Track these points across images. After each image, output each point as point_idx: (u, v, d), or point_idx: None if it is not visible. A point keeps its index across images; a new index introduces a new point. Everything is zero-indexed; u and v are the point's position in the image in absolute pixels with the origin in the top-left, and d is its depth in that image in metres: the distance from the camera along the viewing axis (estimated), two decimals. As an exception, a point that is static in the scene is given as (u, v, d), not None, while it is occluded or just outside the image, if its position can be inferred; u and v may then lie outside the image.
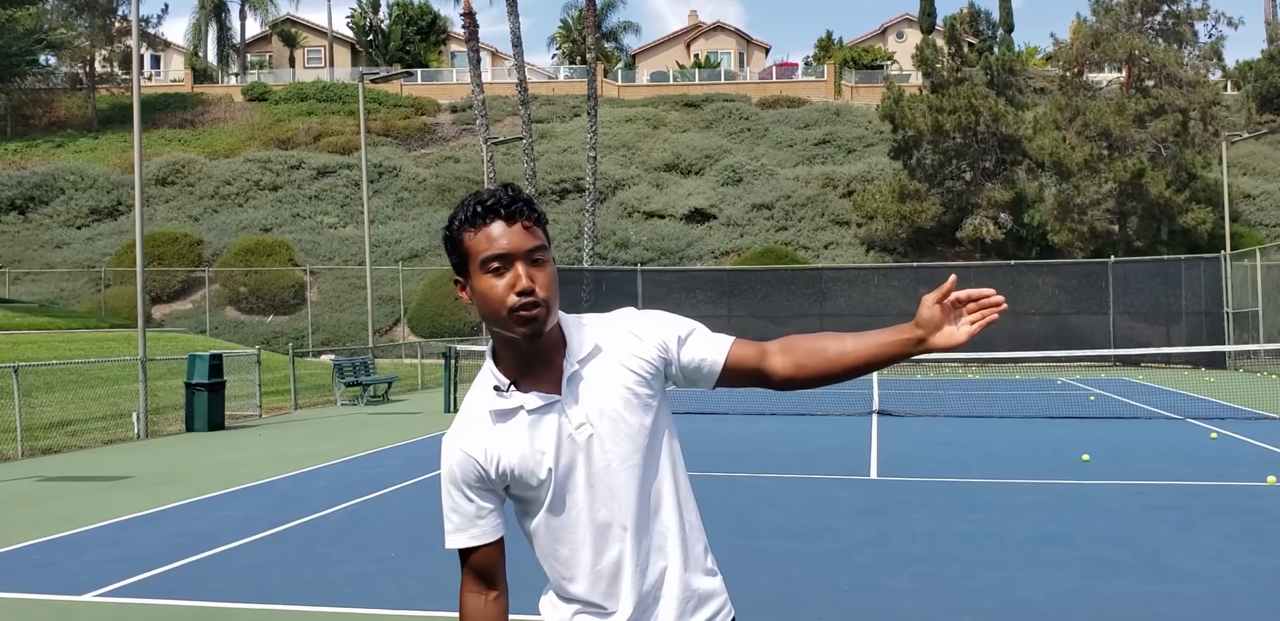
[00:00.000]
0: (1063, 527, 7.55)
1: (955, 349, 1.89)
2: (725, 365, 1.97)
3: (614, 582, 1.91)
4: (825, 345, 1.97)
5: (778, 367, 1.98)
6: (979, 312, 1.89)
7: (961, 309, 1.90)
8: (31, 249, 40.21)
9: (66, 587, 6.15)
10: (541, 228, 1.88)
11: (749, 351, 1.99)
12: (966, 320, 1.90)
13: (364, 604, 5.72)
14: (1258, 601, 5.61)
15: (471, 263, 1.84)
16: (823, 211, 40.58)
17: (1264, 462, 10.57)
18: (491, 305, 1.83)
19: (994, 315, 1.87)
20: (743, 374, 1.99)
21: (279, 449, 12.79)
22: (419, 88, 55.03)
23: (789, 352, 1.99)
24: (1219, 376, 24.25)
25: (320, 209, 42.39)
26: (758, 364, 1.98)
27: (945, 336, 1.89)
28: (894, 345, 1.93)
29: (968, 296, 1.89)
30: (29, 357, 17.30)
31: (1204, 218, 33.88)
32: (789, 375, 1.98)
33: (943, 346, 1.89)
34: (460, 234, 1.85)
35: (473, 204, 1.85)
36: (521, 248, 1.82)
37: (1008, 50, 40.10)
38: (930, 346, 1.90)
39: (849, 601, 5.73)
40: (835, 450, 11.99)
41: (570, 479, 1.89)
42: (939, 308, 1.89)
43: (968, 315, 1.90)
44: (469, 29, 36.07)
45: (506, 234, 1.82)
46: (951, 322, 1.90)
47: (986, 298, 1.88)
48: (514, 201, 1.84)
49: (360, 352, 24.82)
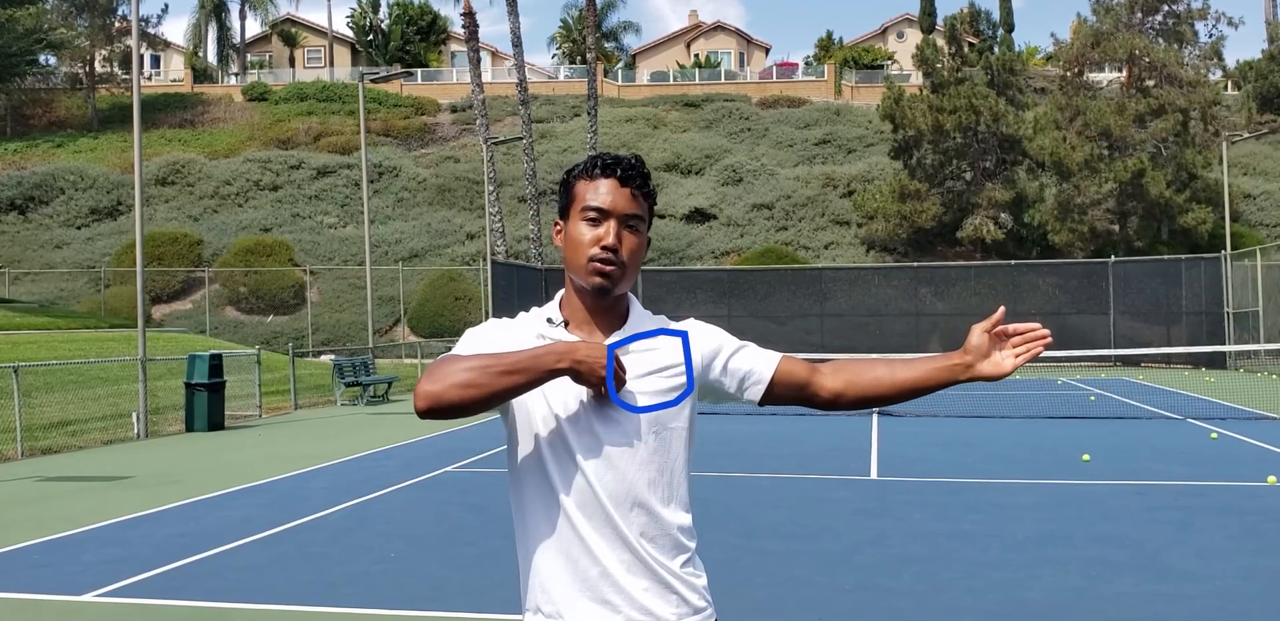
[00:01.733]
0: (1063, 528, 7.55)
1: (1001, 378, 1.96)
2: (774, 377, 2.05)
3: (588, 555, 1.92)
4: (875, 366, 2.06)
5: (827, 384, 2.06)
6: (1024, 345, 1.96)
7: (1007, 341, 1.97)
8: (31, 249, 40.21)
9: (66, 587, 6.15)
10: (648, 203, 2.01)
11: (798, 367, 2.07)
12: (1011, 353, 1.96)
13: (364, 604, 5.71)
14: (1258, 601, 5.61)
15: (574, 207, 1.99)
16: (823, 211, 40.58)
17: (1264, 462, 10.56)
18: (576, 250, 1.96)
19: (1039, 348, 1.95)
20: (791, 388, 2.06)
21: (279, 449, 12.79)
22: (419, 88, 55.04)
23: (839, 371, 2.06)
24: (1219, 376, 24.24)
25: (320, 209, 42.39)
26: (807, 379, 2.06)
27: (992, 365, 1.96)
28: (943, 370, 1.99)
29: (1014, 330, 1.96)
30: (29, 357, 17.30)
31: (1204, 218, 33.88)
32: (838, 391, 2.05)
33: (989, 375, 1.95)
34: (575, 180, 2.01)
35: (597, 159, 2.00)
36: (622, 209, 1.96)
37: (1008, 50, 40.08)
38: (977, 374, 1.96)
39: (849, 601, 5.73)
40: (835, 450, 11.99)
41: (575, 426, 1.93)
42: (987, 336, 1.96)
43: (1012, 348, 1.97)
44: (469, 29, 36.08)
45: (614, 192, 1.97)
46: (998, 352, 1.98)
47: (1032, 332, 1.95)
48: (632, 168, 1.98)
49: (360, 352, 24.81)
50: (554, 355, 1.82)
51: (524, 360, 1.81)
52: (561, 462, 1.93)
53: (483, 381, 1.80)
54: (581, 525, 1.92)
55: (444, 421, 1.99)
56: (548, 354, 1.82)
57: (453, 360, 1.87)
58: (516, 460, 1.99)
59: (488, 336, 2.01)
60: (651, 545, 1.93)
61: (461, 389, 1.80)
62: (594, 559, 1.92)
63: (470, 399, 1.80)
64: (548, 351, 1.83)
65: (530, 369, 1.81)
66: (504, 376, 1.80)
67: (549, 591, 1.95)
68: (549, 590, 1.95)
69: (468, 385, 1.80)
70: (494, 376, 1.80)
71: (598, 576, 1.92)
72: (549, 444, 1.94)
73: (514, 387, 1.82)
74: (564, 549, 1.93)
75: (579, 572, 1.92)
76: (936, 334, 30.29)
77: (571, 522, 1.92)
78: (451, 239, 39.94)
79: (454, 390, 1.80)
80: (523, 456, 1.98)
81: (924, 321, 30.48)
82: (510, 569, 6.32)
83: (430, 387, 1.82)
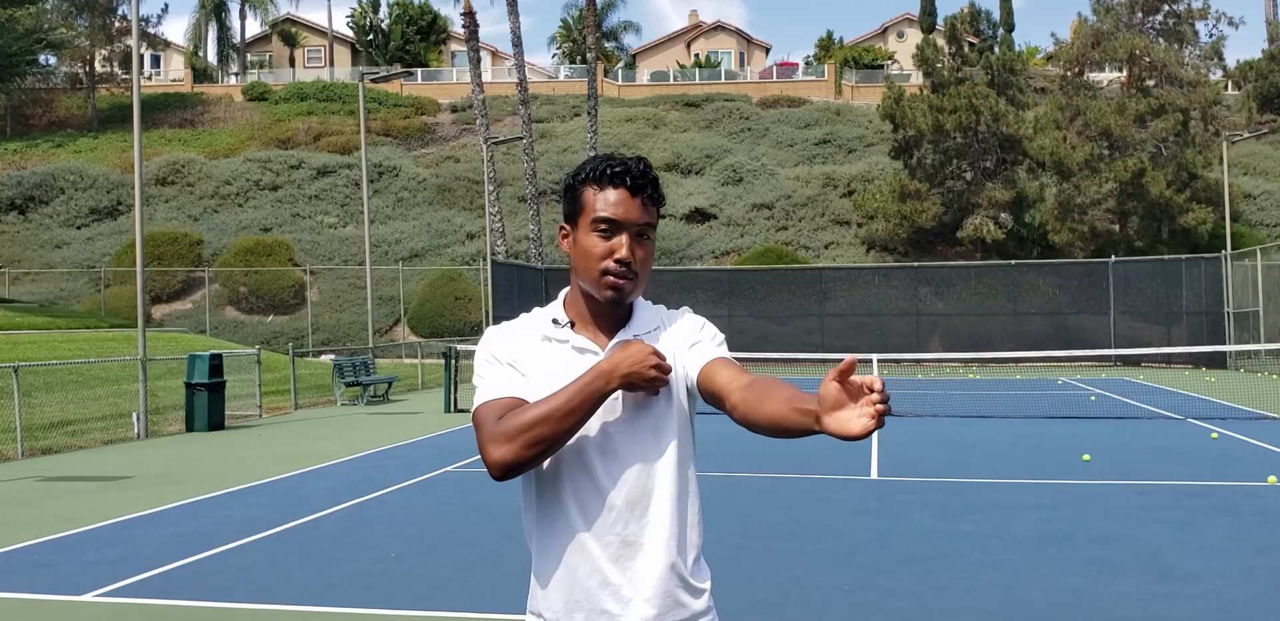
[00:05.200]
0: (1063, 527, 7.55)
1: (849, 439, 1.62)
2: (698, 375, 1.96)
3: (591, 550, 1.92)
4: (773, 393, 1.80)
5: (732, 397, 1.87)
6: (872, 408, 1.59)
7: (868, 395, 1.61)
8: (31, 249, 40.21)
9: (66, 587, 6.14)
10: (657, 208, 1.96)
11: (723, 372, 1.92)
12: (868, 412, 1.60)
13: (364, 604, 5.71)
14: (1258, 601, 5.61)
15: (583, 217, 1.94)
16: (823, 211, 40.58)
17: (1264, 462, 10.56)
18: (588, 262, 1.93)
19: (881, 407, 1.59)
20: (709, 392, 1.94)
21: (279, 449, 12.79)
22: (419, 87, 55.03)
23: (749, 388, 1.85)
24: (1219, 376, 24.24)
25: (320, 209, 42.38)
26: (723, 385, 1.90)
27: (837, 422, 1.61)
28: (800, 413, 1.69)
29: (868, 385, 1.60)
30: (29, 357, 17.29)
31: (1204, 217, 33.87)
32: (733, 405, 1.87)
33: (833, 432, 1.62)
34: (582, 187, 1.95)
35: (605, 164, 1.93)
36: (635, 220, 1.92)
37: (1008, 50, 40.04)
38: (823, 428, 1.63)
39: (849, 601, 5.73)
40: (835, 450, 11.98)
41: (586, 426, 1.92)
42: (834, 386, 1.61)
43: (867, 406, 1.60)
44: (469, 29, 36.08)
45: (625, 203, 1.91)
46: (853, 407, 1.62)
47: (878, 391, 1.60)
48: (643, 176, 1.92)
49: (360, 352, 24.81)
50: (601, 378, 1.79)
51: (576, 397, 1.78)
52: (570, 460, 1.93)
53: (549, 434, 1.79)
54: (584, 530, 1.92)
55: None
56: (595, 379, 1.80)
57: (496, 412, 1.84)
58: None
59: (503, 356, 1.97)
60: (656, 548, 1.93)
61: (531, 448, 1.79)
62: (594, 567, 1.91)
63: (544, 454, 1.81)
64: (594, 376, 1.80)
65: (586, 402, 1.79)
66: (566, 420, 1.79)
67: (549, 598, 1.95)
68: (549, 597, 1.95)
69: (536, 443, 1.79)
70: (556, 424, 1.79)
71: (597, 586, 1.91)
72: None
73: (578, 425, 1.81)
74: (565, 556, 1.93)
75: (578, 582, 1.92)
76: (937, 334, 30.30)
77: (575, 527, 1.92)
78: (451, 239, 39.94)
79: (525, 452, 1.80)
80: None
81: (924, 321, 30.48)
82: (510, 568, 6.33)
83: (500, 456, 1.80)
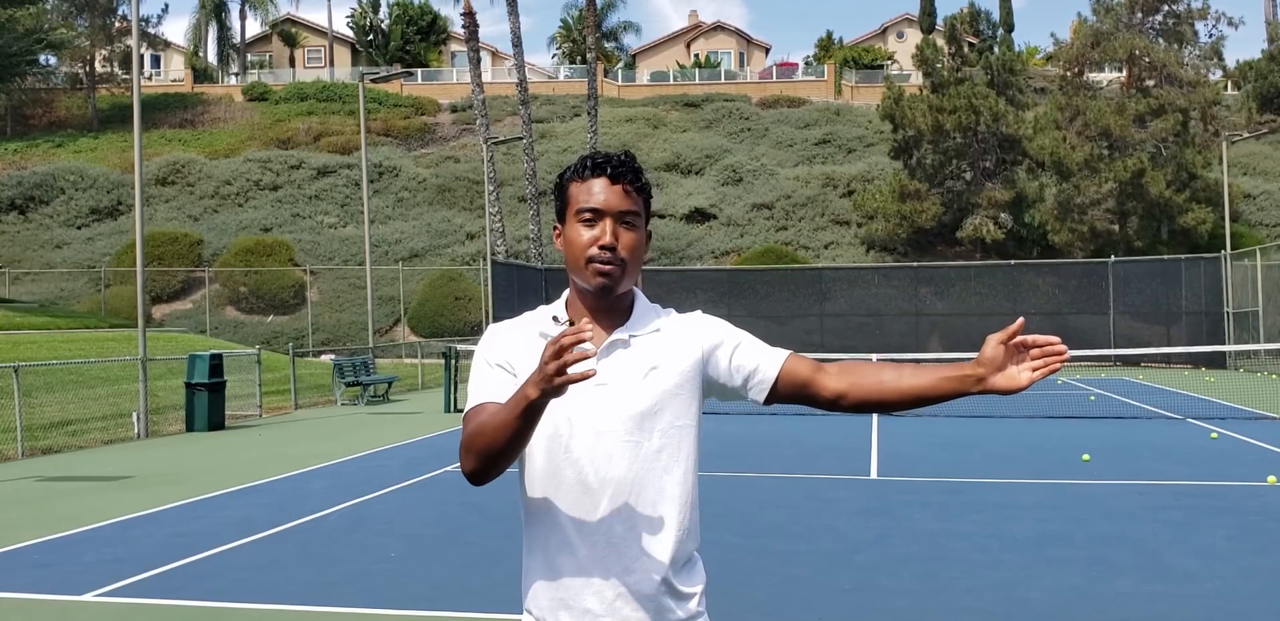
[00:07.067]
0: (1063, 527, 7.55)
1: (1015, 392, 1.83)
2: (779, 375, 2.00)
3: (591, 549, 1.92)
4: (882, 370, 1.96)
5: (830, 384, 1.98)
6: (1043, 360, 1.82)
7: (1026, 353, 1.84)
8: (31, 249, 40.21)
9: (66, 587, 6.14)
10: (643, 197, 2.00)
11: (802, 366, 2.00)
12: (1029, 366, 1.83)
13: (364, 604, 5.71)
14: (1258, 601, 5.61)
15: (569, 210, 2.00)
16: (823, 211, 40.58)
17: (1264, 462, 10.56)
18: (574, 251, 1.97)
19: (1057, 364, 1.82)
20: (793, 387, 2.00)
21: (279, 449, 12.79)
22: (419, 87, 55.03)
23: (845, 372, 1.98)
24: (1219, 376, 24.24)
25: (320, 209, 42.39)
26: (810, 377, 1.99)
27: (1006, 378, 1.84)
28: (953, 381, 1.88)
29: (1033, 342, 1.83)
30: (29, 357, 17.29)
31: (1204, 217, 33.88)
32: (840, 392, 1.96)
33: (1003, 388, 1.83)
34: (568, 183, 2.01)
35: (586, 159, 1.99)
36: (615, 207, 1.96)
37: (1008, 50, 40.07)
38: (989, 386, 1.84)
39: (849, 601, 5.73)
40: (835, 450, 11.99)
41: (571, 425, 1.93)
42: (1002, 348, 1.84)
43: (1030, 361, 1.83)
44: (469, 29, 36.08)
45: (606, 191, 1.96)
46: (1014, 364, 1.85)
47: (1051, 345, 1.82)
48: (622, 164, 1.97)
49: (360, 352, 24.81)
50: (520, 393, 1.76)
51: (505, 409, 1.79)
52: (560, 460, 1.94)
53: (490, 445, 1.82)
54: (571, 529, 1.92)
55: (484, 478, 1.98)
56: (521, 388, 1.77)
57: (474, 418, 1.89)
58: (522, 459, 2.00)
59: (494, 358, 1.99)
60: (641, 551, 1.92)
61: (482, 460, 1.84)
62: (579, 566, 1.92)
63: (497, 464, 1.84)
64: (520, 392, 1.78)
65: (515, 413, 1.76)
66: (501, 432, 1.79)
67: (537, 596, 1.97)
68: (537, 594, 1.97)
69: (484, 454, 1.84)
70: (493, 436, 1.81)
71: (581, 585, 1.92)
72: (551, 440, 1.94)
73: (519, 436, 1.80)
74: (552, 554, 1.94)
75: (563, 580, 1.93)
76: (936, 334, 30.29)
77: (562, 526, 1.93)
78: (451, 239, 39.95)
79: (478, 463, 1.85)
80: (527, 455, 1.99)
81: (924, 321, 30.49)
82: (510, 568, 6.33)
83: (463, 465, 1.89)
